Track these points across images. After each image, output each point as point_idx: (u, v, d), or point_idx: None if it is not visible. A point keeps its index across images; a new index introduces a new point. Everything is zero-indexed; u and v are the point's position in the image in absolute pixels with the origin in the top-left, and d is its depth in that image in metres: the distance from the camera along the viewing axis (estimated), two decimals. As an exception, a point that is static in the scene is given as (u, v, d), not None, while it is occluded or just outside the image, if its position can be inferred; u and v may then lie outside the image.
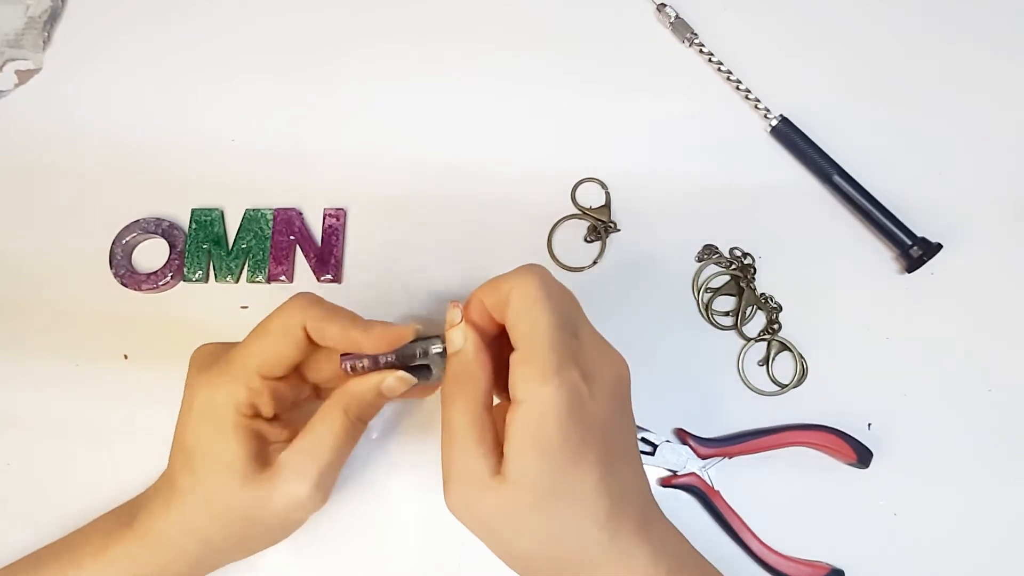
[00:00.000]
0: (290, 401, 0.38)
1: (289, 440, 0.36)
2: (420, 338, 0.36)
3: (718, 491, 0.43)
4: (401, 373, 0.36)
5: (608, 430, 0.32)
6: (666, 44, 0.52)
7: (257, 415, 0.36)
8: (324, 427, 0.35)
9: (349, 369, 0.36)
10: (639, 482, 0.35)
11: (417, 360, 0.36)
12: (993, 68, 0.50)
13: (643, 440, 0.44)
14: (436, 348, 0.36)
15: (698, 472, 0.43)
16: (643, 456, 0.41)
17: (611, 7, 0.52)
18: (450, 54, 0.52)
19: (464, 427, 0.32)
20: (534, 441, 0.30)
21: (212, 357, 0.37)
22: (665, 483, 0.43)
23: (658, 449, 0.43)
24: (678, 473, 0.43)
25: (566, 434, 0.30)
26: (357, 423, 0.36)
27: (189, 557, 0.36)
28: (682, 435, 0.44)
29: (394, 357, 0.36)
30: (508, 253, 0.48)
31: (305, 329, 0.35)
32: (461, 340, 0.34)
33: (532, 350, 0.31)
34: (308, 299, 0.36)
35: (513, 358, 0.32)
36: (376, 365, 0.36)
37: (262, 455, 0.35)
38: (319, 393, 0.40)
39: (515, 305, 0.32)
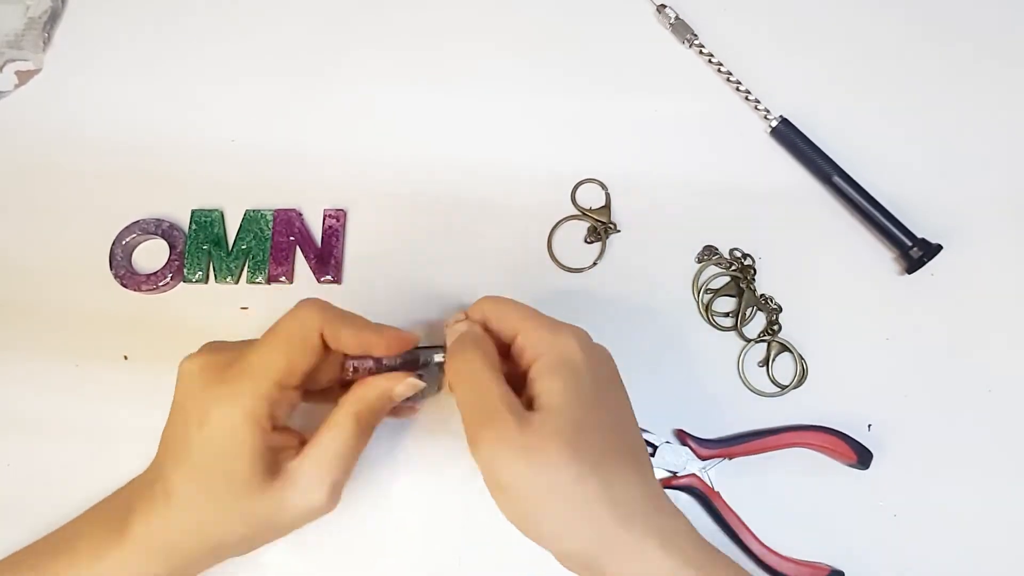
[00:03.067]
0: (293, 408, 0.37)
1: (297, 446, 0.36)
2: (424, 346, 0.37)
3: (718, 492, 0.43)
4: (413, 379, 0.36)
5: (610, 403, 0.36)
6: (666, 45, 0.52)
7: (274, 427, 0.35)
8: (336, 433, 0.35)
9: (352, 371, 0.37)
10: (647, 481, 0.35)
11: (419, 368, 0.37)
12: (993, 68, 0.50)
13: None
14: (438, 357, 0.37)
15: (698, 473, 0.43)
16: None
17: (611, 8, 0.52)
18: (451, 55, 0.52)
19: (491, 373, 0.34)
20: (562, 373, 0.34)
21: (214, 368, 0.35)
22: (665, 484, 0.43)
23: (658, 450, 0.43)
24: (678, 474, 0.43)
25: (588, 366, 0.34)
26: (367, 428, 0.36)
27: (188, 556, 0.36)
28: (682, 436, 0.44)
29: (399, 361, 0.37)
30: (508, 253, 0.48)
31: (322, 335, 0.35)
32: (466, 324, 0.37)
33: (533, 323, 0.35)
34: (321, 304, 0.36)
35: (519, 340, 0.35)
36: (379, 368, 0.37)
37: (273, 465, 0.35)
38: (306, 396, 0.39)
39: (495, 314, 0.37)
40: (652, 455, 0.43)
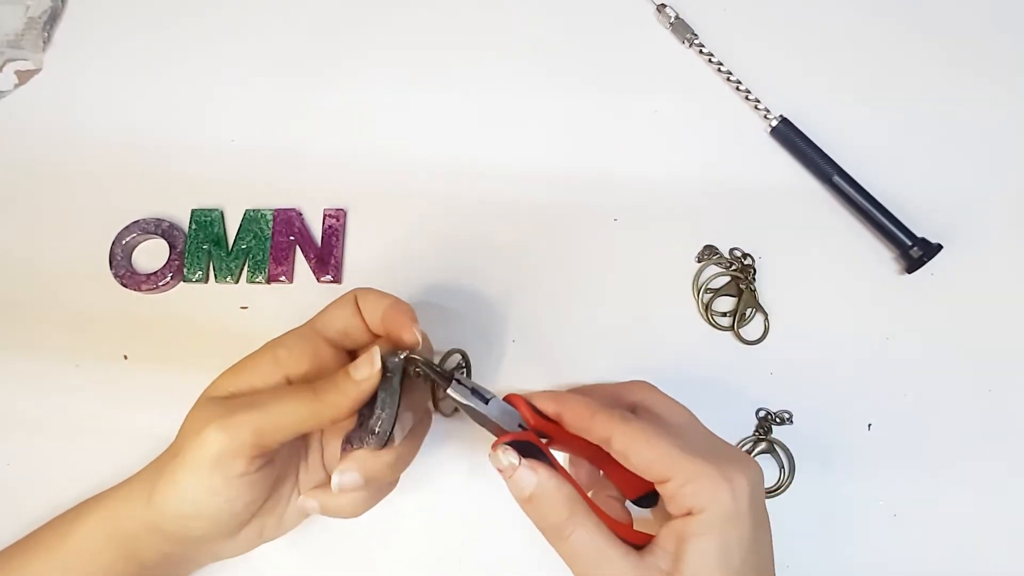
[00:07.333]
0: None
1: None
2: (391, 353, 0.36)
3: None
4: (372, 351, 0.35)
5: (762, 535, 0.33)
6: (666, 45, 0.52)
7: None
8: (287, 390, 0.35)
9: None
10: None
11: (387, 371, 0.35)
12: (993, 68, 0.50)
13: None
14: (394, 359, 0.35)
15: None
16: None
17: (611, 8, 0.52)
18: (450, 55, 0.52)
19: (602, 545, 0.32)
20: (723, 534, 0.31)
21: None
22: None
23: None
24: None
25: (752, 521, 0.31)
26: (319, 405, 0.34)
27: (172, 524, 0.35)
28: (682, 435, 0.44)
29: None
30: (507, 252, 0.48)
31: (356, 300, 0.38)
32: (534, 481, 0.33)
33: (694, 466, 0.32)
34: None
35: (673, 484, 0.32)
36: None
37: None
38: None
39: (632, 448, 0.33)
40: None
